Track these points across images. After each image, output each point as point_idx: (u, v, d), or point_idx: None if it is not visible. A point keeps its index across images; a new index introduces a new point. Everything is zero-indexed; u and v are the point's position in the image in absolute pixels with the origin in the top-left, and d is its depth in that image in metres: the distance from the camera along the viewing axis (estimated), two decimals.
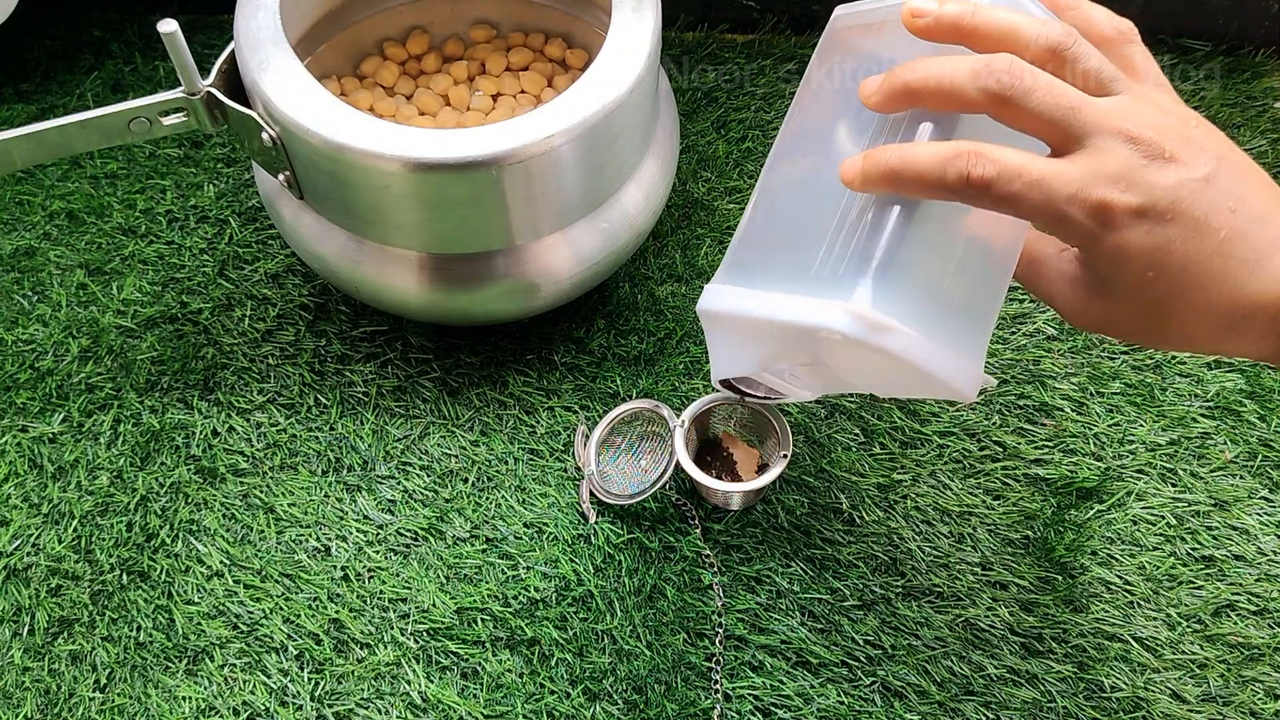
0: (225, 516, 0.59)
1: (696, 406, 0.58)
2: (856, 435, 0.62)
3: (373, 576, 0.57)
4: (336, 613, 0.56)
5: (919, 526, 0.59)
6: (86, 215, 0.71)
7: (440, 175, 0.51)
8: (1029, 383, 0.64)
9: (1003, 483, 0.60)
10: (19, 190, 0.72)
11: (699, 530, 0.58)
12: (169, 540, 0.58)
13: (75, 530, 0.59)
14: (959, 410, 0.62)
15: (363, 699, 0.54)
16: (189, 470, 0.61)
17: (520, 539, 0.58)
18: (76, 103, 0.77)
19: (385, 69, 0.67)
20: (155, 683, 0.54)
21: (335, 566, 0.58)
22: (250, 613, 0.56)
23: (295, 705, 0.54)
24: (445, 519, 0.59)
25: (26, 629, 0.56)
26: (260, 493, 0.60)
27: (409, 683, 0.54)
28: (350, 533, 0.59)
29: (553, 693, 0.54)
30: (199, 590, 0.57)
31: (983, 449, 0.61)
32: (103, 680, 0.54)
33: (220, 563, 0.58)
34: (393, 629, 0.56)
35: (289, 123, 0.52)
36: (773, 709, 0.54)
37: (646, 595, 0.56)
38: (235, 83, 0.55)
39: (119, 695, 0.54)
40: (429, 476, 0.61)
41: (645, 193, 0.60)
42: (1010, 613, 0.56)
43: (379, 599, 0.57)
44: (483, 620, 0.56)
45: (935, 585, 0.57)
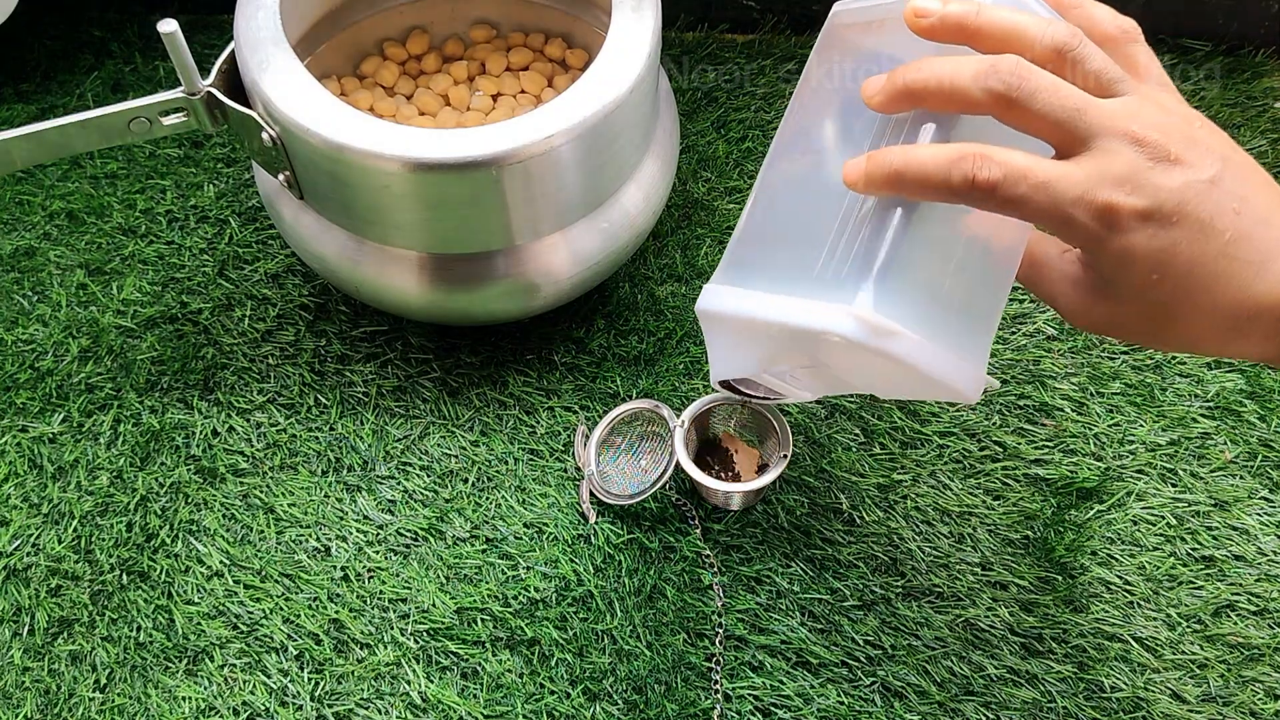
0: (225, 516, 0.59)
1: (696, 406, 0.58)
2: (856, 435, 0.62)
3: (373, 576, 0.57)
4: (336, 613, 0.56)
5: (919, 526, 0.59)
6: (86, 215, 0.71)
7: (440, 175, 0.51)
8: (1029, 383, 0.64)
9: (1003, 483, 0.60)
10: (19, 190, 0.72)
11: (699, 530, 0.58)
12: (169, 540, 0.58)
13: (75, 530, 0.59)
14: (959, 410, 0.62)
15: (363, 699, 0.54)
16: (189, 470, 0.61)
17: (520, 539, 0.58)
18: (76, 103, 0.77)
19: (385, 69, 0.67)
20: (155, 683, 0.54)
21: (335, 566, 0.58)
22: (250, 613, 0.56)
23: (295, 705, 0.54)
24: (445, 519, 0.59)
25: (26, 629, 0.56)
26: (260, 493, 0.60)
27: (409, 683, 0.54)
28: (350, 533, 0.59)
29: (553, 693, 0.54)
30: (199, 590, 0.57)
31: (983, 449, 0.61)
32: (103, 680, 0.54)
33: (220, 563, 0.58)
34: (393, 629, 0.56)
35: (289, 123, 0.52)
36: (773, 709, 0.54)
37: (646, 595, 0.56)
38: (235, 83, 0.55)
39: (119, 695, 0.54)
40: (429, 476, 0.61)
41: (645, 193, 0.60)
42: (1010, 613, 0.56)
43: (379, 599, 0.57)
44: (483, 620, 0.56)
45: (935, 585, 0.57)
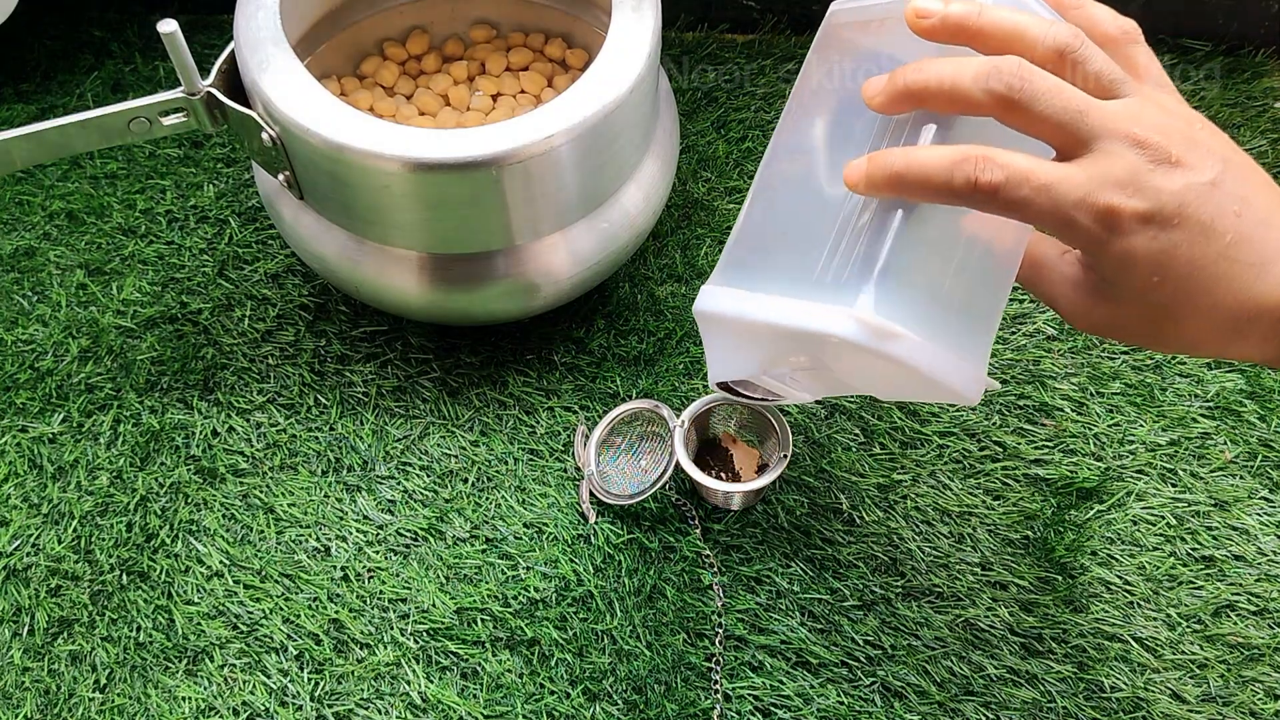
0: (225, 516, 0.59)
1: (696, 406, 0.58)
2: (856, 435, 0.62)
3: (373, 576, 0.57)
4: (336, 613, 0.56)
5: (919, 526, 0.59)
6: (86, 215, 0.71)
7: (440, 175, 0.51)
8: (1029, 383, 0.64)
9: (1003, 483, 0.60)
10: (19, 190, 0.72)
11: (699, 530, 0.58)
12: (169, 540, 0.58)
13: (75, 530, 0.59)
14: (959, 410, 0.62)
15: (363, 699, 0.54)
16: (189, 470, 0.61)
17: (520, 539, 0.58)
18: (76, 103, 0.77)
19: (385, 69, 0.67)
20: (155, 683, 0.54)
21: (335, 566, 0.58)
22: (250, 613, 0.56)
23: (295, 705, 0.54)
24: (445, 519, 0.59)
25: (26, 629, 0.56)
26: (260, 493, 0.60)
27: (409, 683, 0.54)
28: (350, 533, 0.59)
29: (553, 693, 0.54)
30: (199, 590, 0.57)
31: (983, 449, 0.61)
32: (103, 680, 0.54)
33: (220, 563, 0.58)
34: (393, 629, 0.56)
35: (289, 123, 0.52)
36: (773, 709, 0.54)
37: (646, 595, 0.56)
38: (235, 83, 0.55)
39: (119, 695, 0.54)
40: (429, 476, 0.61)
41: (645, 193, 0.60)
42: (1010, 613, 0.56)
43: (379, 599, 0.57)
44: (483, 620, 0.56)
45: (935, 585, 0.57)
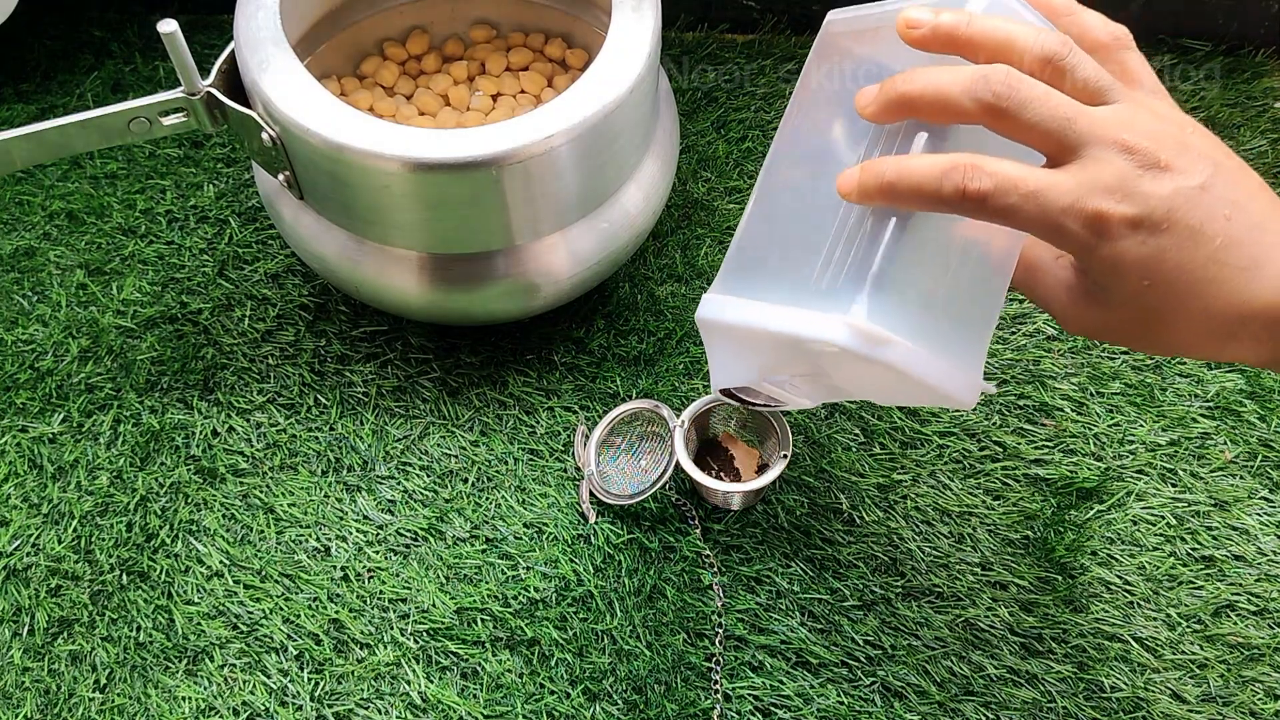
0: (225, 516, 0.59)
1: (696, 406, 0.58)
2: (856, 435, 0.62)
3: (373, 576, 0.57)
4: (336, 613, 0.56)
5: (919, 526, 0.59)
6: (86, 215, 0.71)
7: (440, 175, 0.51)
8: (1029, 383, 0.64)
9: (1003, 483, 0.60)
10: (19, 190, 0.72)
11: (699, 530, 0.58)
12: (169, 540, 0.58)
13: (75, 530, 0.59)
14: (959, 411, 0.62)
15: (363, 699, 0.54)
16: (189, 470, 0.61)
17: (520, 539, 0.58)
18: (76, 103, 0.77)
19: (385, 69, 0.67)
20: (155, 683, 0.54)
21: (335, 566, 0.58)
22: (250, 613, 0.56)
23: (295, 705, 0.54)
24: (445, 519, 0.59)
25: (26, 629, 0.56)
26: (260, 493, 0.60)
27: (409, 683, 0.54)
28: (350, 533, 0.59)
29: (553, 693, 0.54)
30: (199, 590, 0.57)
31: (983, 449, 0.61)
32: (103, 680, 0.54)
33: (220, 563, 0.58)
34: (393, 629, 0.56)
35: (289, 123, 0.52)
36: (773, 709, 0.54)
37: (646, 595, 0.56)
38: (235, 83, 0.55)
39: (119, 695, 0.54)
40: (429, 476, 0.61)
41: (645, 193, 0.60)
42: (1010, 613, 0.56)
43: (379, 599, 0.57)
44: (483, 620, 0.56)
45: (935, 585, 0.57)
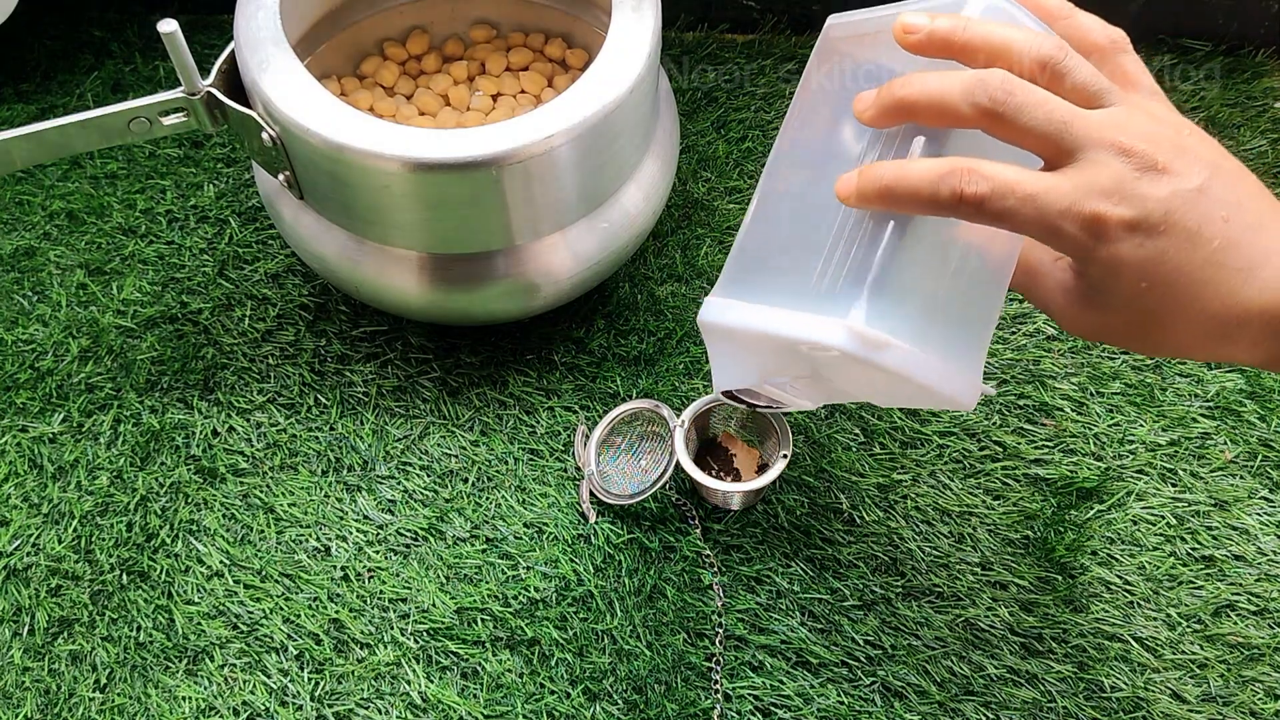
0: (225, 516, 0.59)
1: (696, 406, 0.58)
2: (856, 435, 0.62)
3: (373, 576, 0.57)
4: (336, 613, 0.56)
5: (919, 526, 0.59)
6: (86, 215, 0.71)
7: (440, 175, 0.51)
8: (1029, 383, 0.64)
9: (1003, 483, 0.60)
10: (19, 190, 0.72)
11: (699, 530, 0.58)
12: (169, 540, 0.58)
13: (75, 530, 0.59)
14: (958, 411, 0.62)
15: (363, 699, 0.54)
16: (189, 470, 0.61)
17: (520, 539, 0.58)
18: (76, 103, 0.77)
19: (385, 69, 0.67)
20: (155, 683, 0.54)
21: (335, 566, 0.58)
22: (250, 613, 0.56)
23: (295, 705, 0.54)
24: (445, 519, 0.59)
25: (26, 629, 0.56)
26: (260, 493, 0.60)
27: (409, 683, 0.54)
28: (350, 533, 0.59)
29: (553, 693, 0.54)
30: (199, 590, 0.57)
31: (983, 449, 0.61)
32: (103, 680, 0.54)
33: (220, 563, 0.58)
34: (393, 629, 0.56)
35: (289, 123, 0.52)
36: (773, 709, 0.54)
37: (646, 595, 0.56)
38: (235, 83, 0.55)
39: (119, 695, 0.54)
40: (429, 476, 0.61)
41: (645, 193, 0.60)
42: (1010, 613, 0.56)
43: (379, 599, 0.57)
44: (483, 620, 0.56)
45: (935, 585, 0.57)
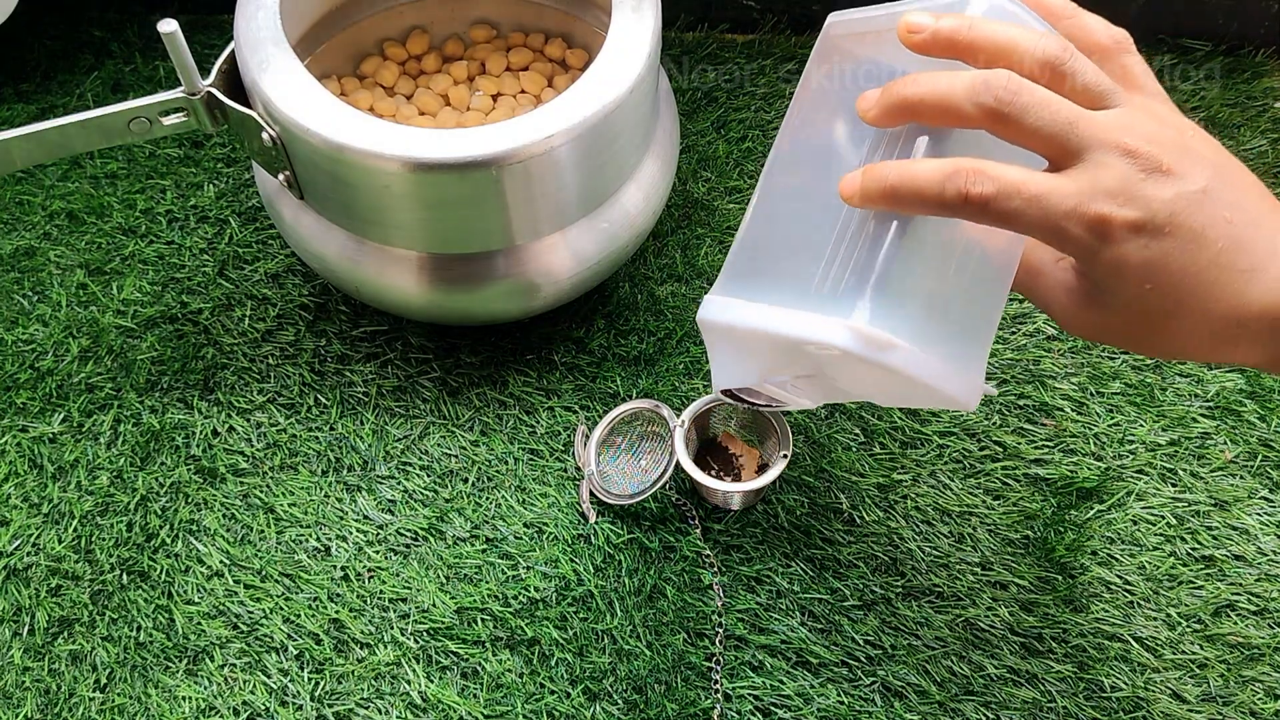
0: (225, 516, 0.59)
1: (696, 406, 0.58)
2: (856, 435, 0.62)
3: (373, 576, 0.57)
4: (336, 613, 0.56)
5: (919, 526, 0.59)
6: (86, 215, 0.71)
7: (440, 175, 0.51)
8: (1029, 383, 0.64)
9: (1003, 483, 0.60)
10: (19, 190, 0.72)
11: (699, 530, 0.58)
12: (169, 540, 0.58)
13: (75, 530, 0.59)
14: (958, 410, 0.62)
15: (363, 699, 0.54)
16: (189, 470, 0.61)
17: (520, 539, 0.58)
18: (76, 103, 0.77)
19: (385, 69, 0.67)
20: (155, 683, 0.54)
21: (335, 566, 0.58)
22: (250, 613, 0.56)
23: (295, 705, 0.54)
24: (445, 519, 0.59)
25: (26, 629, 0.56)
26: (260, 493, 0.60)
27: (409, 683, 0.54)
28: (350, 533, 0.59)
29: (553, 693, 0.54)
30: (199, 590, 0.57)
31: (983, 449, 0.61)
32: (103, 680, 0.54)
33: (220, 563, 0.58)
34: (393, 629, 0.56)
35: (289, 123, 0.52)
36: (773, 709, 0.54)
37: (646, 595, 0.56)
38: (235, 83, 0.55)
39: (119, 695, 0.54)
40: (429, 476, 0.61)
41: (645, 193, 0.60)
42: (1010, 613, 0.56)
43: (379, 599, 0.57)
44: (483, 620, 0.56)
45: (935, 585, 0.57)
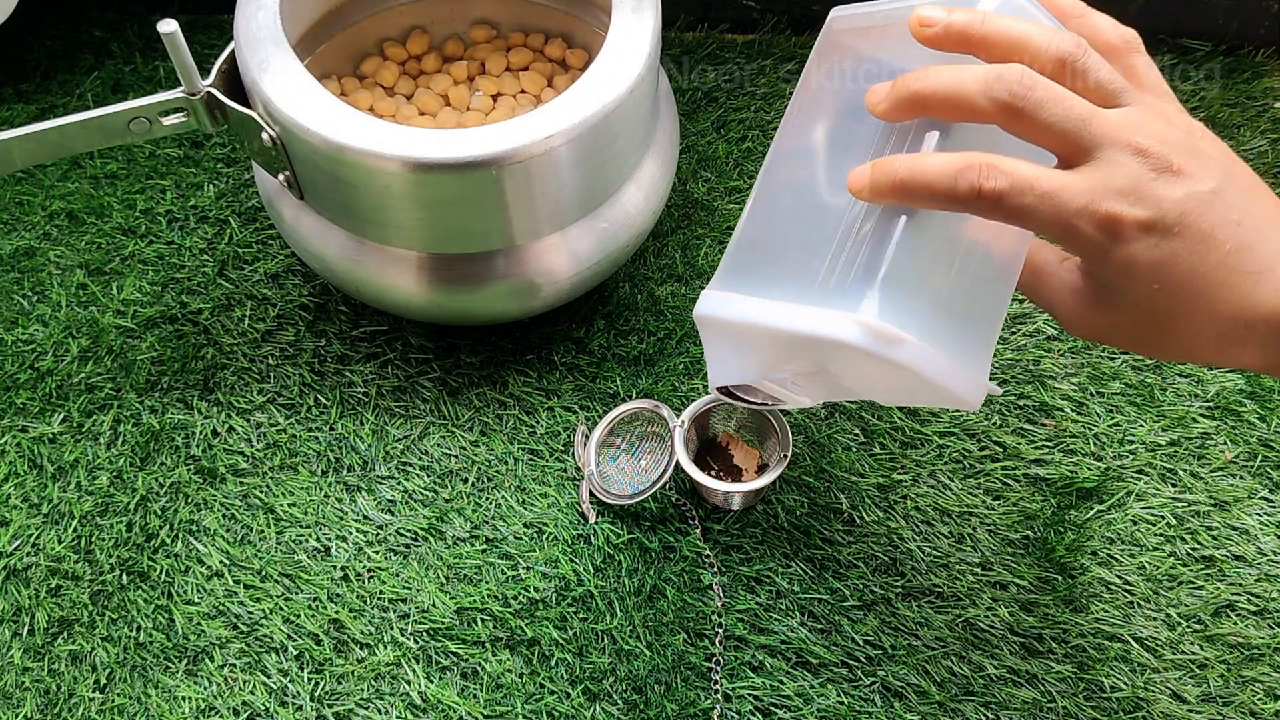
0: (225, 516, 0.59)
1: (696, 406, 0.58)
2: (856, 435, 0.62)
3: (373, 576, 0.57)
4: (336, 613, 0.56)
5: (919, 526, 0.59)
6: (86, 215, 0.71)
7: (440, 175, 0.51)
8: (1029, 383, 0.64)
9: (1003, 483, 0.60)
10: (19, 190, 0.72)
11: (699, 530, 0.58)
12: (169, 540, 0.58)
13: (75, 530, 0.59)
14: (959, 411, 0.62)
15: (363, 699, 0.54)
16: (189, 470, 0.61)
17: (520, 539, 0.58)
18: (76, 103, 0.77)
19: (385, 69, 0.67)
20: (155, 683, 0.54)
21: (335, 566, 0.58)
22: (250, 613, 0.56)
23: (295, 705, 0.54)
24: (445, 519, 0.59)
25: (26, 629, 0.56)
26: (260, 493, 0.60)
27: (409, 683, 0.54)
28: (350, 533, 0.59)
29: (553, 693, 0.54)
30: (199, 590, 0.57)
31: (983, 449, 0.61)
32: (103, 680, 0.54)
33: (220, 563, 0.58)
34: (393, 629, 0.56)
35: (289, 123, 0.52)
36: (773, 709, 0.54)
37: (646, 595, 0.56)
38: (235, 83, 0.55)
39: (119, 695, 0.54)
40: (429, 476, 0.61)
41: (645, 193, 0.60)
42: (1010, 613, 0.56)
43: (379, 599, 0.57)
44: (483, 620, 0.56)
45: (935, 585, 0.57)
